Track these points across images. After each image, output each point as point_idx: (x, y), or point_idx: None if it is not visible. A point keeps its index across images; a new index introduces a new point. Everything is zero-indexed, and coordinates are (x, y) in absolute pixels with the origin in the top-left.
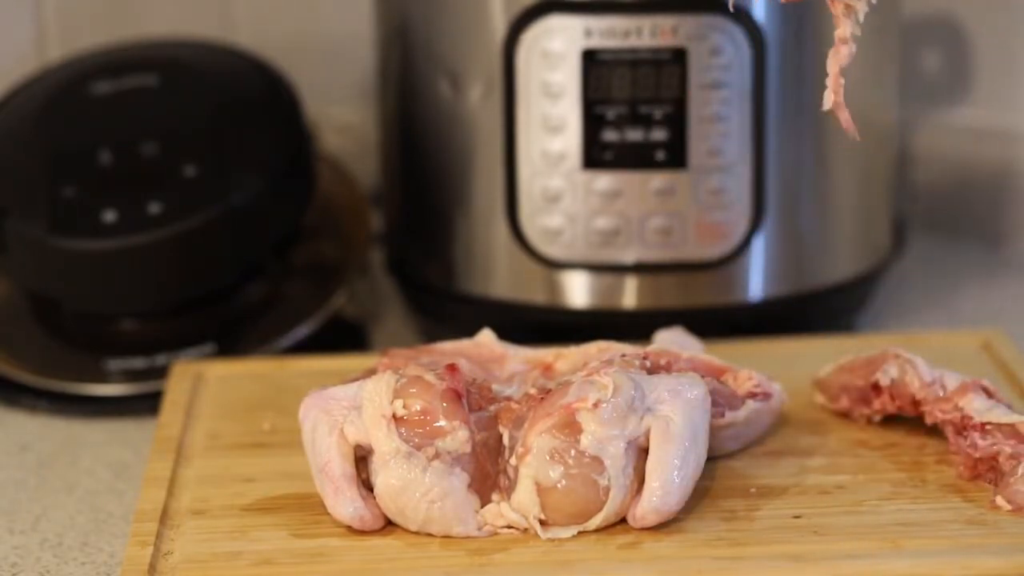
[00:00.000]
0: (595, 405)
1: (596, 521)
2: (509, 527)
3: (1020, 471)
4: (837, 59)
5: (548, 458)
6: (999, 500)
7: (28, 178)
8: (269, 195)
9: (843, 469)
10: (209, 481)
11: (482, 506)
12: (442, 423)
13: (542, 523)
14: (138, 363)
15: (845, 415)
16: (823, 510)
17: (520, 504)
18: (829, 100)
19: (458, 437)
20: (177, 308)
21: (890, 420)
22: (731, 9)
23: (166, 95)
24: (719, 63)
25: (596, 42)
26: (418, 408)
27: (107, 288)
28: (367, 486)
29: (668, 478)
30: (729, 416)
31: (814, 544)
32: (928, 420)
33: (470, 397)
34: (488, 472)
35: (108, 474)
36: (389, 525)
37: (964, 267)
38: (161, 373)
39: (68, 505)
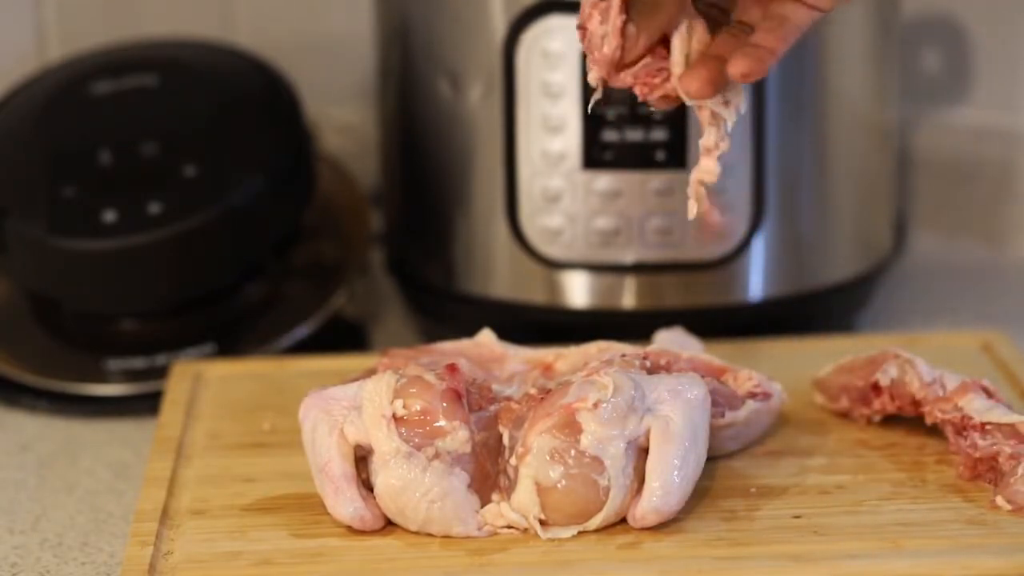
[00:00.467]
0: (595, 405)
1: (596, 521)
2: (509, 527)
3: (1020, 471)
4: (698, 172)
5: (548, 458)
6: (999, 500)
7: (28, 178)
8: (269, 195)
9: (843, 469)
10: (209, 481)
11: (482, 506)
12: (442, 423)
13: (542, 523)
14: (138, 363)
15: (845, 415)
16: (823, 510)
17: (520, 504)
18: (692, 211)
19: (458, 437)
20: (177, 308)
21: (890, 420)
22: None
23: (166, 95)
24: None
25: None
26: (418, 408)
27: (107, 288)
28: (367, 486)
29: (668, 478)
30: (729, 416)
31: (814, 544)
32: (928, 420)
33: (470, 397)
34: (488, 472)
35: (108, 474)
36: (389, 525)
37: (964, 267)
38: (161, 373)
39: (68, 505)
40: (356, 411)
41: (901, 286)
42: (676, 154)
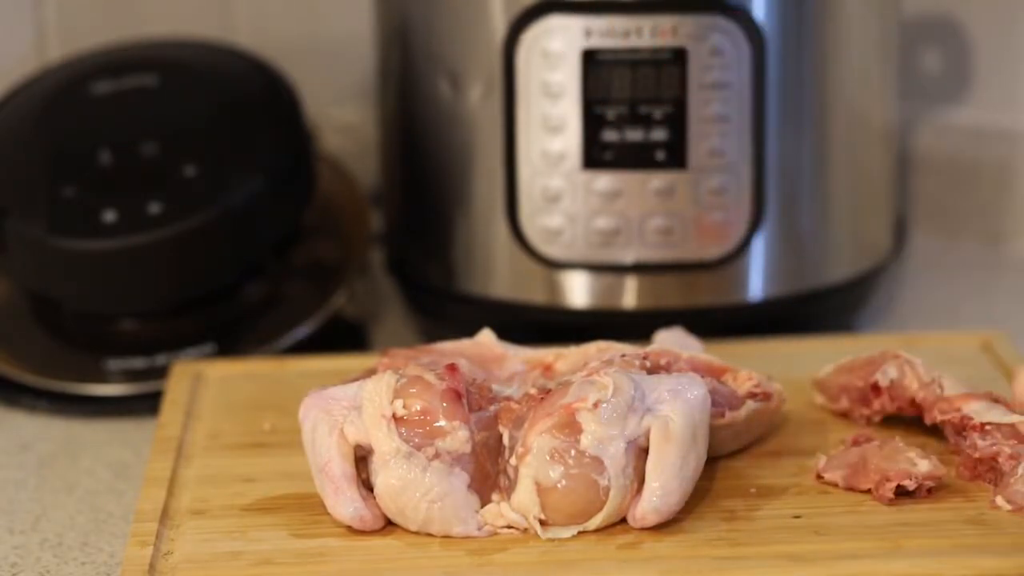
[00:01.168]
0: (595, 405)
1: (596, 521)
2: (509, 527)
3: (1020, 471)
4: None
5: (548, 458)
6: (999, 500)
7: (28, 178)
8: (269, 195)
9: None
10: (209, 481)
11: (482, 506)
12: (442, 423)
13: (542, 523)
14: (138, 363)
15: (845, 415)
16: (823, 510)
17: (520, 504)
18: None
19: (458, 437)
20: (177, 308)
21: (890, 420)
22: None
23: (166, 95)
24: (719, 63)
25: (596, 42)
26: (418, 408)
27: (107, 288)
28: (367, 486)
29: (668, 478)
30: (729, 416)
31: (814, 544)
32: (928, 420)
33: (470, 397)
34: (488, 472)
35: (108, 474)
36: (389, 525)
37: (964, 267)
38: (161, 373)
39: (68, 505)
40: (356, 411)
41: (901, 286)
42: (676, 154)
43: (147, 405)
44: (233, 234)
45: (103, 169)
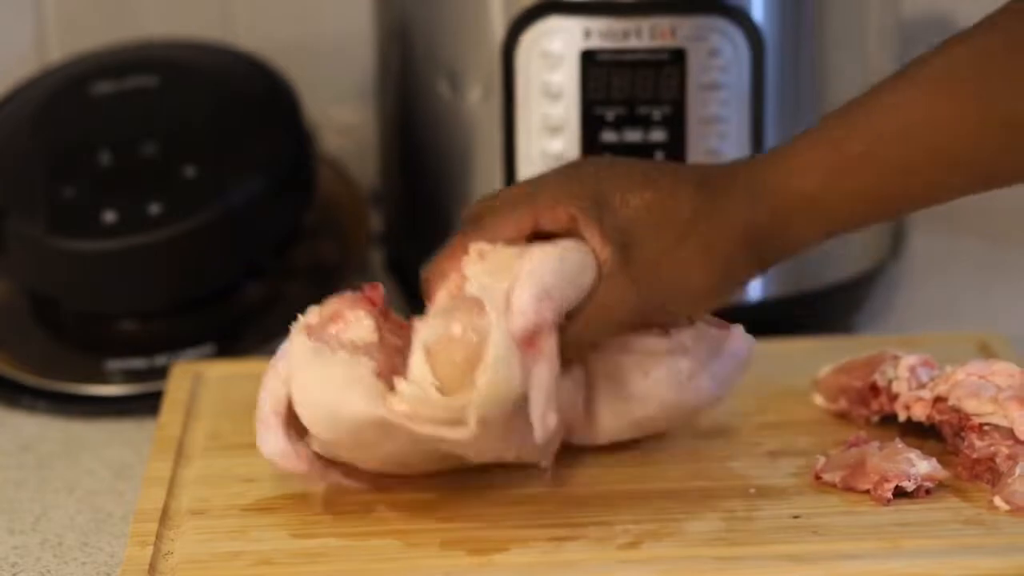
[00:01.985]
0: (480, 256)
1: (485, 374)
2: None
3: (1018, 471)
4: None
5: (435, 319)
6: (997, 500)
7: (28, 178)
8: (269, 195)
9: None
10: (209, 481)
11: None
12: (347, 315)
13: (439, 391)
14: (138, 363)
15: (844, 416)
16: (823, 510)
17: (414, 376)
18: None
19: (363, 326)
20: (177, 308)
21: (889, 420)
22: None
23: (166, 95)
24: (718, 64)
25: (595, 43)
26: (329, 312)
27: (107, 288)
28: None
29: (543, 264)
30: (676, 336)
31: (814, 544)
32: (914, 416)
33: (389, 316)
34: (398, 369)
35: (108, 474)
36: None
37: (963, 267)
38: (161, 373)
39: (68, 505)
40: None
41: (900, 286)
42: (675, 155)
43: (147, 405)
44: (233, 234)
45: (103, 169)
